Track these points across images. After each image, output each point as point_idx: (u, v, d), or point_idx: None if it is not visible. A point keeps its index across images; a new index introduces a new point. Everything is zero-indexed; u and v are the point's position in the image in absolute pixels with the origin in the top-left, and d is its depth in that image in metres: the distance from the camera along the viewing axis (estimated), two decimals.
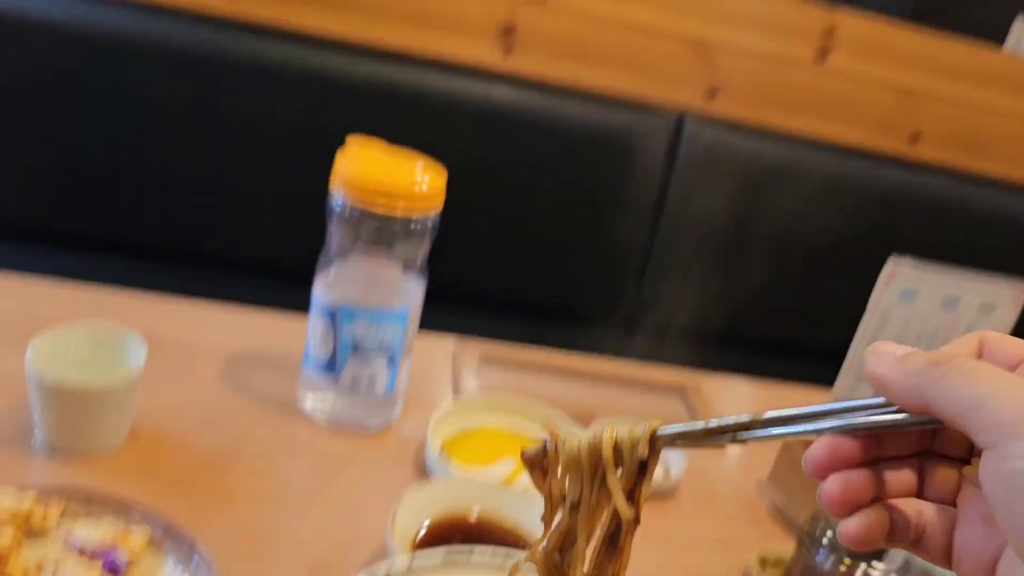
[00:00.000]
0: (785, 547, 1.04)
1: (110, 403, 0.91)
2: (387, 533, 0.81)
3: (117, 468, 0.93)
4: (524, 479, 1.02)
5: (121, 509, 0.81)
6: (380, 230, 1.00)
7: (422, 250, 1.05)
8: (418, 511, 0.87)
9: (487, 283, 2.00)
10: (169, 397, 1.07)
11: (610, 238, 2.06)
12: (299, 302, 1.16)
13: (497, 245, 2.01)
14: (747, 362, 1.72)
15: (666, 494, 1.13)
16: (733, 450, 1.29)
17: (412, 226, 1.01)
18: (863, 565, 0.91)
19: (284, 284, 1.38)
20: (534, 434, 1.14)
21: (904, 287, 1.20)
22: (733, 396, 1.48)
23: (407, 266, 1.06)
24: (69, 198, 1.74)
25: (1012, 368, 0.38)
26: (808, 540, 0.94)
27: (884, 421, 0.41)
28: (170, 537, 0.79)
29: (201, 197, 1.79)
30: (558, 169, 1.97)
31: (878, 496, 0.42)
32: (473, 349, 1.34)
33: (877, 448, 0.43)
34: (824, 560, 0.92)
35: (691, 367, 1.48)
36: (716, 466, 1.24)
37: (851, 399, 0.45)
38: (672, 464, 1.17)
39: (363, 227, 1.01)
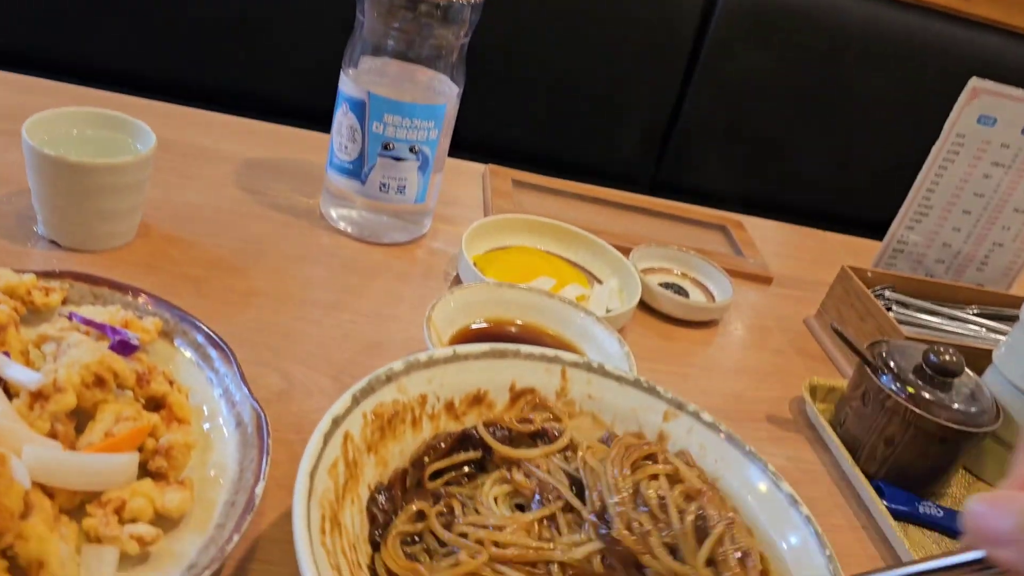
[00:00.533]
0: (836, 381, 0.97)
1: (116, 187, 0.82)
2: (424, 331, 0.74)
3: (125, 263, 0.85)
4: (564, 292, 0.94)
5: (130, 296, 0.73)
6: (418, 13, 0.89)
7: (461, 40, 0.94)
8: (456, 315, 0.80)
9: (516, 139, 1.89)
10: (183, 197, 0.99)
11: (646, 97, 1.94)
12: None
13: (528, 100, 1.89)
14: None
15: (711, 322, 1.06)
16: (777, 287, 1.21)
17: (452, 9, 0.90)
18: (931, 390, 0.84)
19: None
20: (573, 258, 1.06)
21: (983, 110, 1.09)
22: (776, 237, 1.40)
23: (444, 60, 0.95)
24: (72, 26, 1.62)
25: None
26: (872, 364, 0.87)
27: None
28: (184, 326, 0.72)
29: (212, 33, 1.67)
30: (596, 21, 1.82)
31: None
32: (504, 174, 1.25)
33: None
34: (889, 383, 0.86)
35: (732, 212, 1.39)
36: (762, 301, 1.17)
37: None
38: (716, 290, 1.09)
39: (398, 11, 0.89)
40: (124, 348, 0.64)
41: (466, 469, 0.58)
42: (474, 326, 0.81)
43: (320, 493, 0.49)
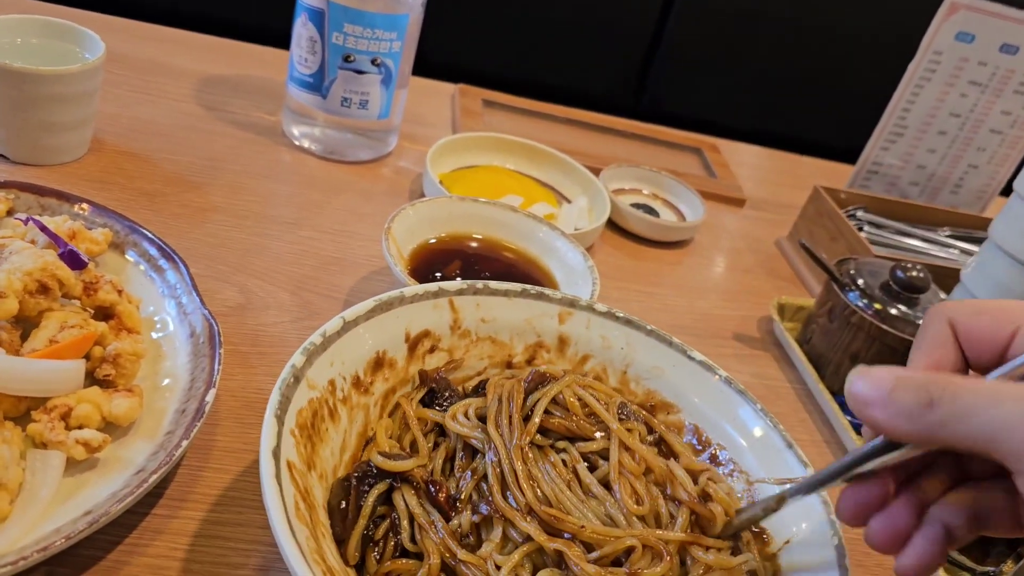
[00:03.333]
0: (804, 300, 0.97)
1: (64, 97, 0.79)
2: (383, 244, 0.73)
3: (77, 177, 0.83)
4: (532, 210, 0.93)
5: (78, 207, 0.71)
6: None
7: None
8: (416, 229, 0.78)
9: (491, 65, 1.84)
10: (138, 113, 0.96)
11: (626, 21, 1.89)
12: None
13: (502, 21, 1.84)
14: None
15: (682, 242, 1.05)
16: (750, 209, 1.20)
17: None
18: (897, 306, 0.84)
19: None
20: (542, 178, 1.04)
21: (961, 27, 1.07)
22: (751, 161, 1.38)
23: None
24: None
25: (997, 353, 0.41)
26: (839, 281, 0.87)
27: (894, 458, 0.40)
28: (135, 237, 0.70)
29: None
30: None
31: (920, 514, 0.42)
32: (474, 93, 1.22)
33: (903, 470, 0.43)
34: (855, 300, 0.85)
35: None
36: (734, 223, 1.16)
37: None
38: (688, 211, 1.08)
39: None
40: (73, 261, 0.62)
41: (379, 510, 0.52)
42: (433, 240, 0.79)
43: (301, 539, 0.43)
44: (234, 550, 0.55)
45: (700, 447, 0.61)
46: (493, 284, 0.63)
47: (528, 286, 0.64)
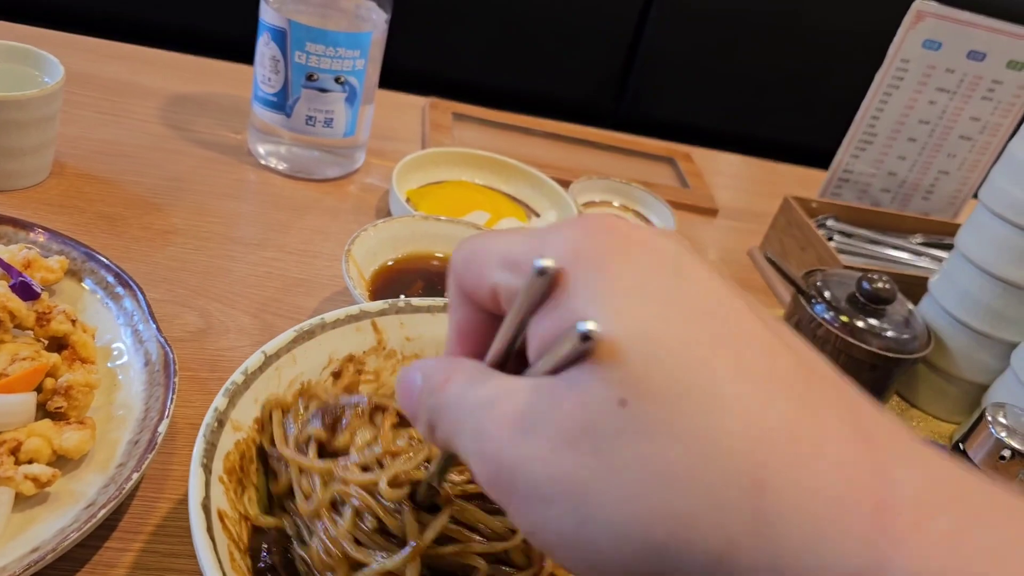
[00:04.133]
0: (775, 311, 0.97)
1: (22, 122, 0.79)
2: (343, 266, 0.72)
3: (37, 202, 0.82)
4: (499, 227, 0.92)
5: (34, 234, 0.71)
6: None
7: None
8: (378, 249, 0.78)
9: (466, 76, 1.84)
10: (101, 134, 0.95)
11: (598, 29, 1.89)
12: None
13: (476, 28, 1.84)
14: None
15: None
16: (723, 219, 1.20)
17: None
18: (863, 318, 0.84)
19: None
20: (511, 192, 1.04)
21: (928, 34, 1.07)
22: (725, 169, 1.38)
23: None
24: None
25: (544, 345, 0.29)
26: (805, 293, 0.87)
27: None
28: (92, 265, 0.70)
29: None
30: None
31: None
32: (445, 107, 1.22)
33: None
34: (822, 313, 0.85)
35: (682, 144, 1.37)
36: (706, 233, 1.16)
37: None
38: (658, 222, 1.08)
39: None
40: (25, 292, 0.61)
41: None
42: (393, 261, 0.79)
43: None
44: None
45: None
46: (415, 301, 0.63)
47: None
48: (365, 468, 0.47)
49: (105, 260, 0.70)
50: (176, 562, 0.55)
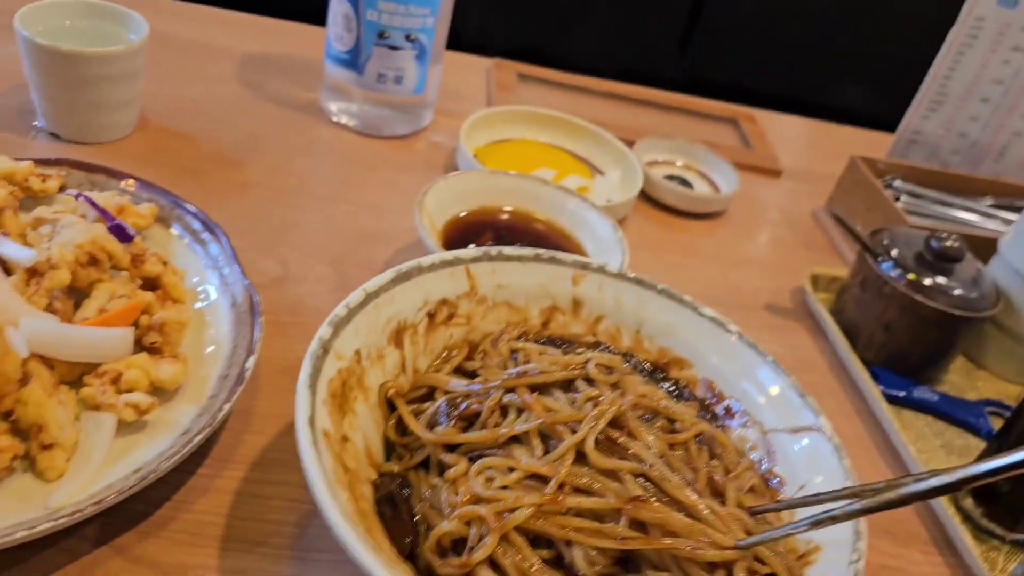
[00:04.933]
0: (839, 271, 0.97)
1: (110, 77, 0.82)
2: (416, 217, 0.75)
3: (124, 155, 0.86)
4: (564, 183, 0.94)
5: (125, 183, 0.74)
6: None
7: None
8: (449, 202, 0.80)
9: (524, 37, 1.84)
10: (181, 92, 0.99)
11: None
12: None
13: None
14: None
15: (716, 213, 1.05)
16: (787, 180, 1.19)
17: None
18: (931, 277, 0.84)
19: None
20: (576, 150, 1.05)
21: None
22: (789, 131, 1.37)
23: None
24: None
25: None
26: (872, 251, 0.87)
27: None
28: (179, 211, 0.73)
29: None
30: None
31: None
32: (509, 67, 1.23)
33: None
34: (889, 270, 0.85)
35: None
36: (770, 194, 1.15)
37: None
38: (722, 183, 1.08)
39: None
40: (120, 235, 0.65)
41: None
42: (464, 213, 0.81)
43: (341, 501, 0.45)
44: (274, 508, 0.58)
45: (714, 399, 0.63)
46: (507, 250, 0.65)
47: (541, 251, 0.66)
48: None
49: (192, 208, 0.73)
50: (263, 488, 0.59)
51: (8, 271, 0.61)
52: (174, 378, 0.60)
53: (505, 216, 0.83)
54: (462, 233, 0.79)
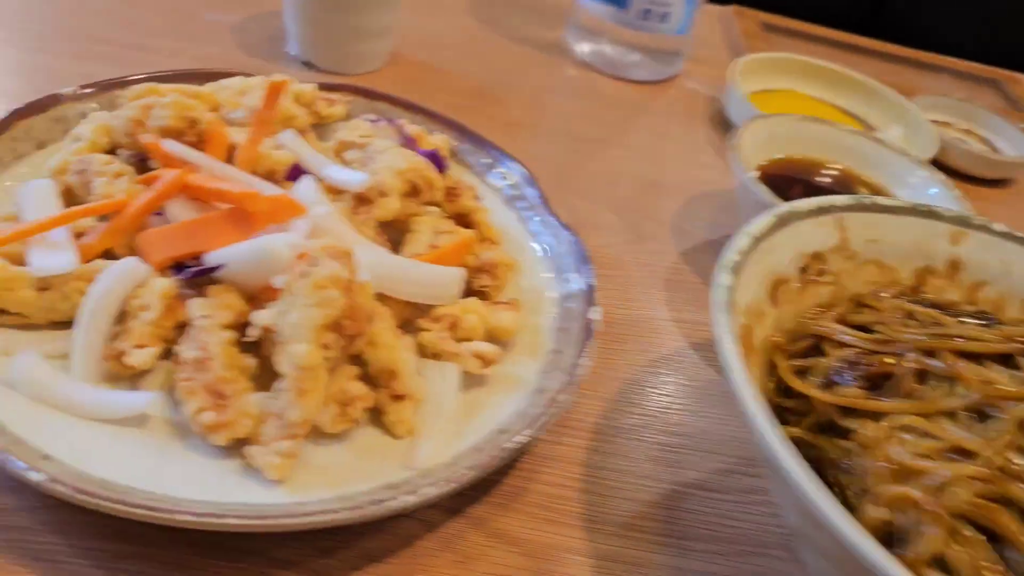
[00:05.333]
0: None
1: (373, 1, 0.75)
2: (732, 158, 0.65)
3: (379, 87, 0.79)
4: None
5: (416, 112, 0.67)
6: None
7: None
8: (763, 145, 0.70)
9: None
10: (424, 26, 0.91)
11: None
12: None
13: None
14: None
15: (1002, 181, 0.92)
16: None
17: None
18: None
19: None
20: (844, 106, 0.94)
21: None
22: None
23: None
24: None
25: None
26: None
27: None
28: (476, 146, 0.65)
29: None
30: None
31: None
32: (750, 15, 1.12)
33: None
34: None
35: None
36: None
37: None
38: (1006, 146, 0.95)
39: None
40: (437, 163, 0.57)
41: None
42: (771, 160, 0.71)
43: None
44: (631, 486, 0.49)
45: None
46: (879, 199, 0.55)
47: (917, 202, 0.55)
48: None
49: (490, 142, 0.65)
50: (611, 460, 0.50)
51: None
52: (512, 326, 0.52)
53: (829, 171, 0.72)
54: (771, 183, 0.69)
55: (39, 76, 0.70)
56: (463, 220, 0.58)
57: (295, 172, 0.53)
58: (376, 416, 0.47)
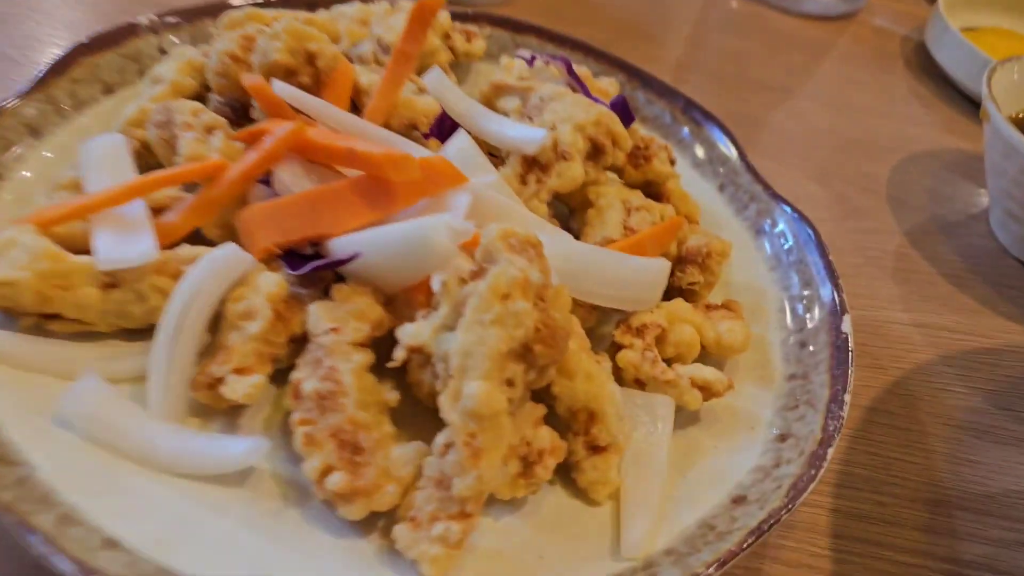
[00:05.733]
0: None
1: None
2: (986, 102, 0.49)
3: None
4: None
5: (576, 49, 0.53)
6: None
7: None
8: (1019, 90, 0.54)
9: None
10: None
11: None
12: None
13: None
14: None
15: None
16: None
17: None
18: None
19: None
20: None
21: None
22: None
23: None
24: None
25: None
26: None
27: None
28: (657, 94, 0.51)
29: None
30: None
31: None
32: None
33: None
34: None
35: None
36: None
37: None
38: None
39: None
40: (624, 114, 0.43)
41: None
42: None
43: None
44: (896, 566, 0.35)
45: None
46: None
47: None
48: None
49: (678, 91, 0.50)
50: (878, 531, 0.36)
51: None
52: (740, 341, 0.38)
53: None
54: None
55: (107, 2, 0.58)
56: (650, 191, 0.44)
57: (441, 126, 0.39)
58: (561, 470, 0.33)
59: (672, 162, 0.44)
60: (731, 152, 0.47)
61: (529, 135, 0.37)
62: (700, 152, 0.48)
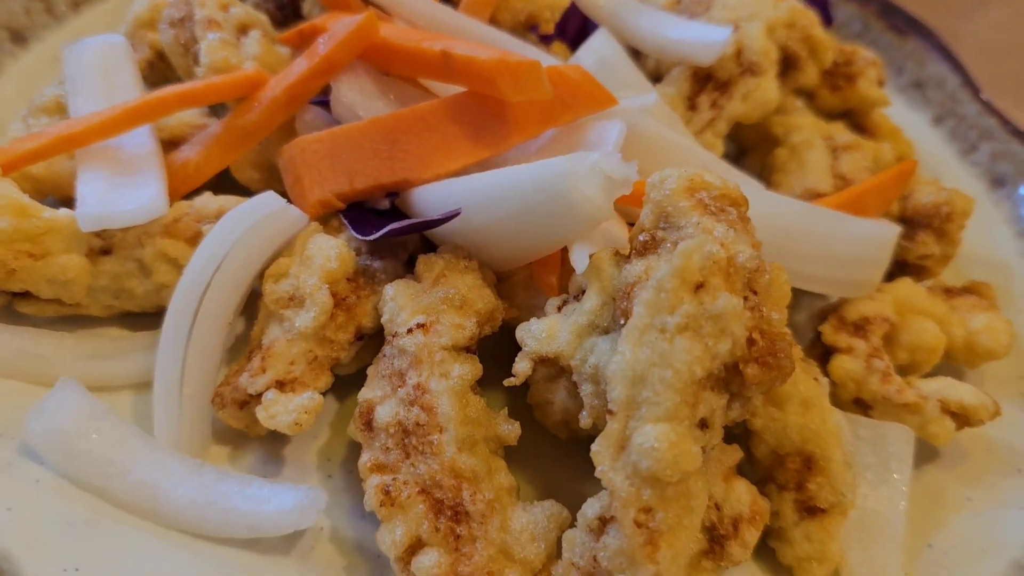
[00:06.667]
0: None
1: None
2: None
3: None
4: None
5: None
6: None
7: None
8: None
9: None
10: None
11: None
12: None
13: None
14: None
15: None
16: None
17: None
18: None
19: None
20: None
21: None
22: None
23: None
24: None
25: None
26: None
27: None
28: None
29: None
30: None
31: None
32: None
33: None
34: None
35: None
36: None
37: None
38: None
39: None
40: (823, 12, 0.31)
41: None
42: None
43: None
44: None
45: None
46: None
47: None
48: None
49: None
50: None
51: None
52: (1004, 344, 0.26)
53: None
54: None
55: None
56: (849, 122, 0.32)
57: (568, 24, 0.28)
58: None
59: (880, 83, 0.32)
60: (950, 73, 0.35)
61: (703, 37, 0.26)
62: (905, 73, 0.36)
